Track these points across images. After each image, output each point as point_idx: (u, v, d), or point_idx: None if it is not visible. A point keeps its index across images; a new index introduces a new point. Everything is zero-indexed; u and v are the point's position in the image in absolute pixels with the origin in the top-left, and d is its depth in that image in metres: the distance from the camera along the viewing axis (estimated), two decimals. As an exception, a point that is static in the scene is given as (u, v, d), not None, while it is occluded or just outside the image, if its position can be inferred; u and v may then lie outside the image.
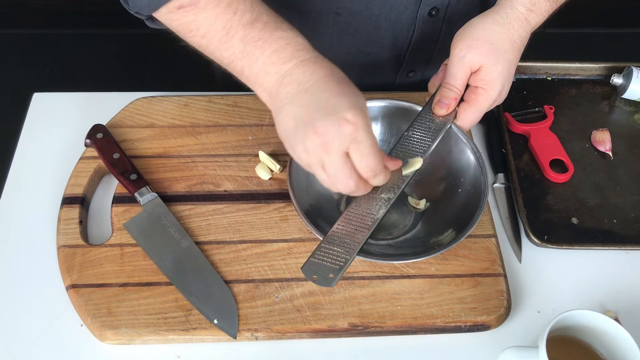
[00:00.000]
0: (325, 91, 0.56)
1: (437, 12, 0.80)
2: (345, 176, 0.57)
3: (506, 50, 0.66)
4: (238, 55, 0.59)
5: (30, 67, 1.99)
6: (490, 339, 0.67)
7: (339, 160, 0.56)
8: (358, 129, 0.54)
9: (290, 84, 0.57)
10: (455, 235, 0.67)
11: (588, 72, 0.93)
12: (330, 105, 0.55)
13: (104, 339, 0.64)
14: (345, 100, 0.55)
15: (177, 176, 0.76)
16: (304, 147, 0.56)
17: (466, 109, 0.69)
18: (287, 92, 0.57)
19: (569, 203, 0.78)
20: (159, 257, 0.69)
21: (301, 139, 0.56)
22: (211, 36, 0.60)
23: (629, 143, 0.85)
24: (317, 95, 0.56)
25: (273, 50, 0.58)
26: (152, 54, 2.02)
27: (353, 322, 0.66)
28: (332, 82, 0.57)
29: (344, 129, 0.54)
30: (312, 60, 0.58)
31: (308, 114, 0.55)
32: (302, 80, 0.57)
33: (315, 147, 0.55)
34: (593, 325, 0.60)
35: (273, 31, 0.59)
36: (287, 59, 0.58)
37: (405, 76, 0.92)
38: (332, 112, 0.54)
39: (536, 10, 0.68)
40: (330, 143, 0.55)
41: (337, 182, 0.57)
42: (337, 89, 0.57)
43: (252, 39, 0.58)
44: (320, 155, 0.56)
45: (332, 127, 0.54)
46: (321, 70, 0.57)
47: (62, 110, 0.84)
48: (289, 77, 0.57)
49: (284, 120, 0.58)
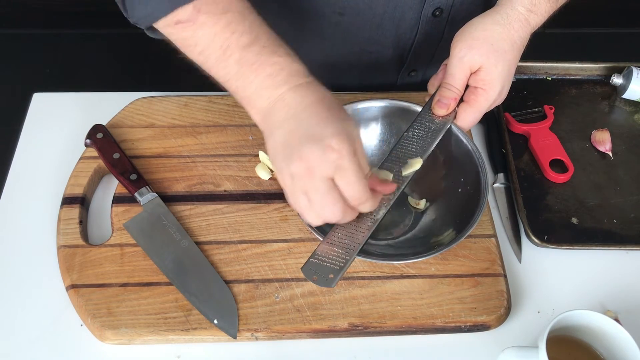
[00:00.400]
0: (314, 117, 0.56)
1: (441, 13, 0.80)
2: (331, 202, 0.56)
3: (506, 51, 0.66)
4: (233, 76, 0.59)
5: (30, 67, 1.99)
6: (490, 339, 0.67)
7: (323, 185, 0.55)
8: (343, 156, 0.54)
9: (282, 109, 0.57)
10: (455, 235, 0.67)
11: (588, 72, 0.93)
12: (316, 131, 0.55)
13: (104, 339, 0.64)
14: (332, 127, 0.55)
15: (177, 176, 0.76)
16: (289, 172, 0.56)
17: (466, 109, 0.69)
18: (278, 117, 0.57)
19: (569, 203, 0.78)
20: (159, 257, 0.69)
21: (287, 163, 0.56)
22: (208, 53, 0.60)
23: (629, 143, 0.85)
24: (305, 121, 0.56)
25: (267, 75, 0.58)
26: (152, 54, 2.01)
27: (353, 322, 0.66)
28: (321, 107, 0.57)
29: (328, 155, 0.54)
30: (305, 85, 0.58)
31: (295, 140, 0.55)
32: (292, 105, 0.57)
33: (300, 173, 0.55)
34: (593, 325, 0.60)
35: (269, 56, 0.58)
36: (280, 84, 0.58)
37: (407, 76, 0.92)
38: (317, 139, 0.54)
39: (536, 11, 0.68)
40: (315, 169, 0.54)
41: (323, 209, 0.56)
42: (326, 114, 0.56)
43: (247, 62, 0.58)
44: (305, 182, 0.55)
45: (316, 154, 0.54)
46: (312, 96, 0.57)
47: (62, 110, 0.84)
48: (281, 102, 0.57)
49: (272, 145, 0.58)
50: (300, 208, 0.58)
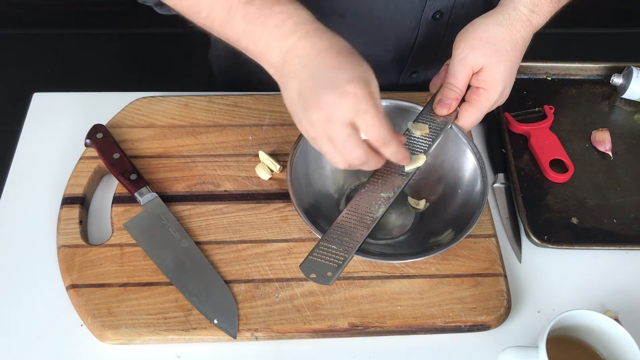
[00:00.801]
0: (327, 64, 0.56)
1: (441, 16, 0.80)
2: (353, 145, 0.57)
3: (508, 51, 0.66)
4: (241, 35, 0.59)
5: (30, 67, 1.99)
6: (490, 339, 0.67)
7: (344, 130, 0.56)
8: (360, 100, 0.55)
9: (293, 59, 0.57)
10: (454, 235, 0.67)
11: (588, 72, 0.93)
12: (331, 78, 0.55)
13: (104, 339, 0.64)
14: (346, 72, 0.55)
15: (177, 176, 0.76)
16: (309, 121, 0.57)
17: (467, 109, 0.69)
18: (290, 67, 0.57)
19: (569, 203, 0.78)
20: (159, 257, 0.69)
21: (306, 113, 0.56)
22: (214, 17, 0.60)
23: (629, 143, 0.85)
24: (318, 69, 0.56)
25: (274, 26, 0.58)
26: (152, 54, 2.02)
27: (353, 322, 0.66)
28: (333, 54, 0.57)
29: (345, 101, 0.54)
30: (313, 32, 0.58)
31: (310, 89, 0.56)
32: (303, 55, 0.57)
33: (320, 121, 0.56)
34: (593, 325, 0.60)
35: (273, 6, 0.58)
36: (288, 34, 0.57)
37: (409, 77, 0.92)
38: (332, 86, 0.55)
39: (539, 11, 0.67)
40: (334, 115, 0.55)
41: (347, 154, 0.57)
42: (339, 60, 0.57)
43: (252, 16, 0.58)
44: (326, 128, 0.56)
45: (333, 101, 0.54)
46: (322, 43, 0.57)
47: (62, 110, 0.84)
48: (292, 52, 0.57)
49: (289, 95, 0.58)
50: (326, 154, 0.59)
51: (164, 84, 1.90)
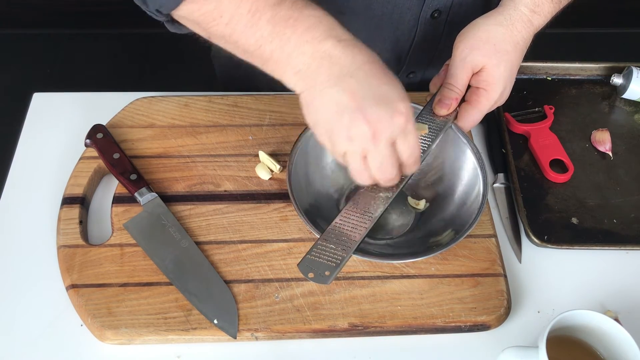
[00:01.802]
0: (373, 77, 0.54)
1: (440, 15, 0.80)
2: (391, 166, 0.56)
3: (508, 52, 0.66)
4: (267, 38, 0.56)
5: (30, 67, 1.99)
6: (490, 339, 0.67)
7: (387, 149, 0.55)
8: (408, 120, 0.54)
9: (331, 66, 0.54)
10: (454, 235, 0.67)
11: (588, 72, 0.93)
12: (381, 93, 0.54)
13: (104, 339, 0.64)
14: (397, 90, 0.55)
15: (177, 176, 0.76)
16: (347, 135, 0.54)
17: (467, 109, 0.69)
18: (329, 75, 0.54)
19: (569, 203, 0.78)
20: (159, 257, 0.69)
21: (346, 126, 0.54)
22: (236, 21, 0.56)
23: (629, 143, 0.85)
24: (364, 81, 0.54)
25: (305, 28, 0.55)
26: (152, 54, 2.02)
27: (353, 322, 0.66)
28: (377, 68, 0.55)
29: (396, 119, 0.53)
30: (351, 42, 0.56)
31: (356, 101, 0.53)
32: (344, 64, 0.54)
33: (363, 136, 0.54)
34: (593, 325, 0.60)
35: (302, 9, 0.56)
36: (322, 38, 0.55)
37: (406, 77, 0.92)
38: (384, 102, 0.53)
39: (539, 12, 0.67)
40: (381, 132, 0.53)
41: (382, 172, 0.57)
42: (385, 77, 0.55)
43: (281, 19, 0.55)
44: (367, 145, 0.54)
45: (384, 117, 0.53)
46: (363, 55, 0.55)
47: (62, 110, 0.84)
48: (328, 59, 0.54)
49: (323, 104, 0.55)
50: (354, 170, 0.57)
51: (164, 84, 1.90)
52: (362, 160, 0.56)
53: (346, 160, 0.57)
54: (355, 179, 0.58)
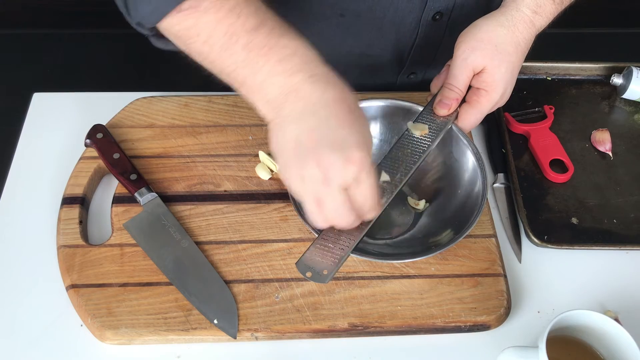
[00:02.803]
0: (335, 118, 0.53)
1: (441, 17, 0.80)
2: (345, 212, 0.55)
3: (510, 53, 0.66)
4: (240, 64, 0.56)
5: (30, 67, 1.99)
6: (490, 339, 0.67)
7: (339, 195, 0.54)
8: (362, 169, 0.53)
9: (297, 101, 0.54)
10: (454, 235, 0.67)
11: (588, 72, 0.93)
12: (338, 137, 0.53)
13: (104, 339, 0.64)
14: (355, 135, 0.53)
15: (177, 176, 0.76)
16: (300, 175, 0.54)
17: (467, 110, 0.69)
18: (292, 109, 0.54)
19: (569, 203, 0.78)
20: (159, 257, 0.69)
21: (299, 165, 0.53)
22: (213, 42, 0.56)
23: (629, 143, 0.85)
24: (325, 122, 0.53)
25: (278, 60, 0.54)
26: (152, 54, 2.01)
27: (353, 322, 0.66)
28: (342, 108, 0.54)
29: (349, 168, 0.52)
30: (322, 77, 0.55)
31: (312, 141, 0.53)
32: (309, 100, 0.54)
33: (314, 179, 0.53)
34: (593, 325, 0.60)
35: (279, 38, 0.55)
36: (294, 71, 0.54)
37: (406, 78, 0.92)
38: (339, 147, 0.52)
39: (541, 13, 0.67)
40: (332, 179, 0.53)
41: (335, 217, 0.56)
42: (347, 117, 0.54)
43: (256, 46, 0.55)
44: (318, 188, 0.54)
45: (336, 164, 0.52)
46: (332, 91, 0.54)
47: (62, 110, 0.84)
48: (295, 93, 0.54)
49: (283, 138, 0.55)
50: (309, 211, 0.56)
51: (164, 84, 1.90)
52: (316, 203, 0.55)
53: (300, 198, 0.56)
54: (311, 220, 0.58)
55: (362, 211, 0.57)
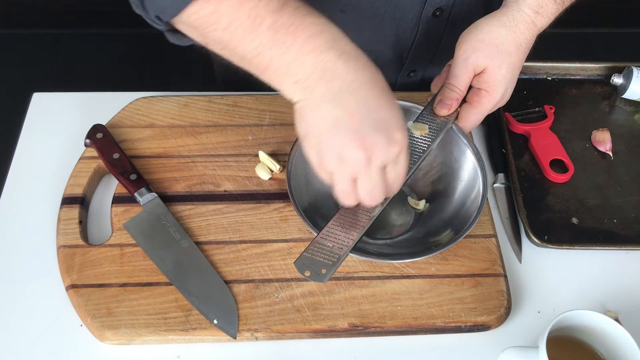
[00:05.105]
0: (373, 99, 0.53)
1: (441, 13, 0.80)
2: (379, 190, 0.56)
3: (511, 53, 0.66)
4: (266, 46, 0.54)
5: (30, 67, 1.99)
6: (490, 339, 0.67)
7: (377, 175, 0.54)
8: (402, 150, 0.54)
9: (332, 80, 0.53)
10: (454, 235, 0.67)
11: (588, 72, 0.93)
12: (380, 118, 0.53)
13: (104, 339, 0.64)
14: (396, 117, 0.54)
15: (177, 176, 0.76)
16: (338, 155, 0.53)
17: (468, 110, 0.68)
18: (329, 88, 0.53)
19: (569, 203, 0.78)
20: (158, 257, 0.69)
21: (339, 145, 0.53)
22: (235, 27, 0.54)
23: (629, 143, 0.85)
24: (364, 102, 0.53)
25: (307, 37, 0.53)
26: (152, 54, 2.02)
27: (353, 322, 0.66)
28: (379, 89, 0.54)
29: (392, 149, 0.53)
30: (354, 55, 0.54)
31: (354, 121, 0.52)
32: (346, 79, 0.53)
33: (356, 160, 0.53)
34: (593, 326, 0.60)
35: (305, 17, 0.54)
36: (325, 48, 0.53)
37: (407, 76, 0.92)
38: (382, 128, 0.52)
39: (543, 13, 0.67)
40: (375, 159, 0.53)
41: (369, 195, 0.56)
42: (385, 99, 0.54)
43: (282, 26, 0.53)
44: (358, 168, 0.54)
45: (381, 144, 0.52)
46: (366, 72, 0.54)
47: (62, 110, 0.84)
48: (330, 71, 0.53)
49: (318, 118, 0.53)
50: (341, 190, 0.56)
51: (164, 84, 1.90)
52: (351, 183, 0.55)
53: (333, 179, 0.56)
54: (340, 199, 0.58)
55: (390, 189, 0.58)
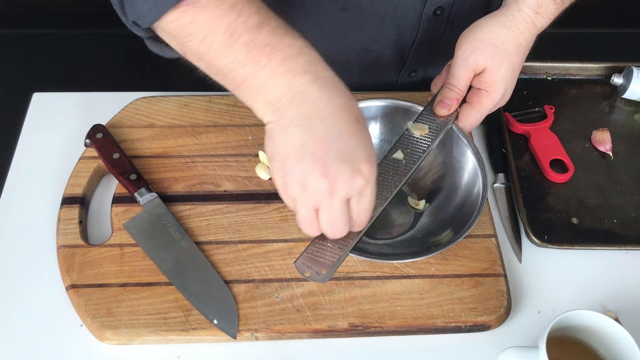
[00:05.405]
0: (344, 127, 0.52)
1: (442, 12, 0.80)
2: (341, 224, 0.55)
3: (511, 53, 0.66)
4: (241, 62, 0.53)
5: (30, 67, 1.99)
6: (490, 339, 0.67)
7: (340, 207, 0.53)
8: (368, 183, 0.52)
9: (304, 104, 0.52)
10: (454, 235, 0.67)
11: (588, 72, 0.93)
12: (348, 148, 0.52)
13: (104, 339, 0.64)
14: (364, 147, 0.52)
15: (177, 176, 0.76)
16: (301, 182, 0.52)
17: (468, 110, 0.68)
18: (300, 113, 0.52)
19: (569, 203, 0.78)
20: (158, 257, 0.69)
21: (302, 172, 0.52)
22: (211, 40, 0.54)
23: (629, 143, 0.85)
24: (334, 130, 0.52)
25: (282, 58, 0.52)
26: (152, 54, 2.01)
27: (353, 322, 0.66)
28: (350, 117, 0.53)
29: (357, 181, 0.51)
30: (330, 82, 0.53)
31: (321, 149, 0.51)
32: (318, 105, 0.52)
33: (318, 188, 0.52)
34: (593, 326, 0.60)
35: (282, 37, 0.53)
36: (299, 72, 0.52)
37: (407, 76, 0.92)
38: (348, 158, 0.51)
39: (543, 13, 0.67)
40: (338, 190, 0.52)
41: (330, 227, 0.55)
42: (355, 129, 0.53)
43: (258, 44, 0.52)
44: (320, 198, 0.52)
45: (345, 176, 0.51)
46: (340, 99, 0.53)
47: (62, 110, 0.84)
48: (302, 95, 0.52)
49: (286, 141, 0.52)
50: (303, 218, 0.55)
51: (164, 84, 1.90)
52: (313, 211, 0.54)
53: (295, 205, 0.55)
54: (302, 227, 0.56)
55: (355, 224, 0.57)
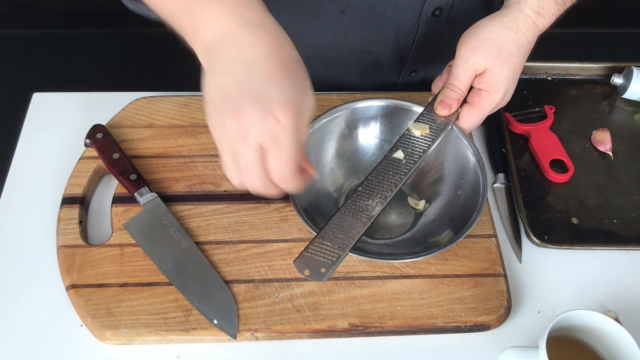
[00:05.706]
0: (266, 71, 0.50)
1: (441, 13, 0.80)
2: (253, 173, 0.52)
3: (512, 54, 0.66)
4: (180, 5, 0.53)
5: (30, 67, 1.99)
6: (490, 339, 0.67)
7: (251, 152, 0.51)
8: (283, 129, 0.49)
9: (230, 48, 0.51)
10: (454, 235, 0.67)
11: (588, 72, 0.93)
12: (263, 91, 0.49)
13: (104, 339, 0.64)
14: (283, 91, 0.50)
15: (177, 176, 0.76)
16: (221, 126, 0.51)
17: (469, 110, 0.68)
18: (225, 56, 0.51)
19: (569, 203, 0.78)
20: (158, 257, 0.69)
21: (222, 116, 0.51)
22: None
23: (629, 143, 0.85)
24: (254, 74, 0.50)
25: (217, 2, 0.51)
26: (152, 54, 2.02)
27: (353, 322, 0.66)
28: (277, 62, 0.51)
29: (267, 123, 0.49)
30: (258, 24, 0.51)
31: (238, 92, 0.50)
32: (244, 49, 0.50)
33: (232, 131, 0.50)
34: (593, 326, 0.60)
35: None
36: (229, 15, 0.51)
37: (408, 76, 0.92)
38: (261, 100, 0.49)
39: (544, 14, 0.67)
40: (248, 133, 0.50)
41: (244, 176, 0.53)
42: (281, 73, 0.50)
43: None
44: (235, 142, 0.51)
45: (255, 117, 0.49)
46: (268, 43, 0.51)
47: (62, 110, 0.84)
48: (231, 39, 0.51)
49: (211, 86, 0.52)
50: (224, 165, 0.54)
51: (164, 84, 1.90)
52: (232, 157, 0.52)
53: (220, 152, 0.53)
54: (227, 175, 0.55)
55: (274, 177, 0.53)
